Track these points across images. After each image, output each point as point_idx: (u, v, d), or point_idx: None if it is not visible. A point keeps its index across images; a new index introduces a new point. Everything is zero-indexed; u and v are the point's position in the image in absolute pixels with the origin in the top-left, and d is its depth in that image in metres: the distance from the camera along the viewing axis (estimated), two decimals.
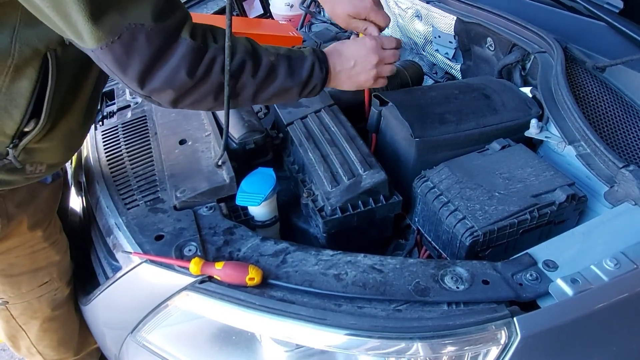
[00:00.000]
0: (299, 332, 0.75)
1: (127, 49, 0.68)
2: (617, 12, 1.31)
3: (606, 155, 0.92)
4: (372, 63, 0.95)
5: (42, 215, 0.98)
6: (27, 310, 1.03)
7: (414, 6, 1.66)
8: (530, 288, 0.76)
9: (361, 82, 0.96)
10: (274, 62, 0.83)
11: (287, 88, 0.86)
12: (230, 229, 0.89)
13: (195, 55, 0.74)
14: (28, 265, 0.98)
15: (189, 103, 0.79)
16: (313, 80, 0.88)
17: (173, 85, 0.74)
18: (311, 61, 0.88)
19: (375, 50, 0.95)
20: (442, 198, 0.95)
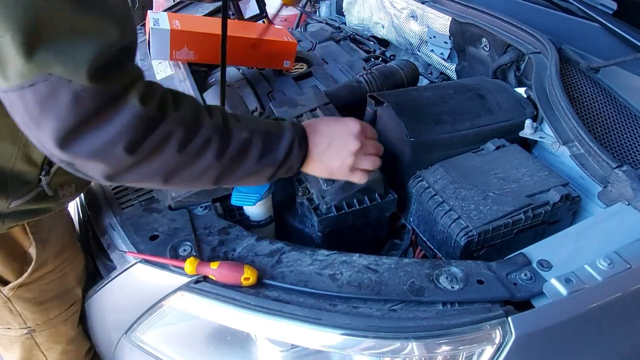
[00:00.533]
0: (294, 332, 0.75)
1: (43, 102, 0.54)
2: (611, 13, 1.31)
3: (600, 156, 0.93)
4: (350, 149, 0.81)
5: (69, 235, 0.96)
6: (52, 336, 0.98)
7: (409, 6, 1.66)
8: (525, 288, 0.76)
9: (333, 168, 0.82)
10: (246, 140, 0.71)
11: (258, 171, 0.74)
12: (226, 229, 0.89)
13: (143, 125, 0.59)
14: (59, 290, 0.93)
15: (129, 181, 0.66)
16: (290, 161, 0.76)
17: (105, 158, 0.59)
18: (290, 138, 0.76)
19: (357, 135, 0.82)
20: (437, 198, 0.96)
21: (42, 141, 0.57)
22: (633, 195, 0.87)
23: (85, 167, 0.61)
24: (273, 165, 0.75)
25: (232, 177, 0.72)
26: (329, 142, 0.80)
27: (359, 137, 0.82)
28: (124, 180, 0.65)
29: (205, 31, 1.35)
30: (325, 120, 0.84)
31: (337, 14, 2.22)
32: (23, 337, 0.95)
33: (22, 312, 0.90)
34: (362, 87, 1.37)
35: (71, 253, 0.95)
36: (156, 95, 0.62)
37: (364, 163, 0.84)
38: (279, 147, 0.75)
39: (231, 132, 0.69)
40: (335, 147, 0.81)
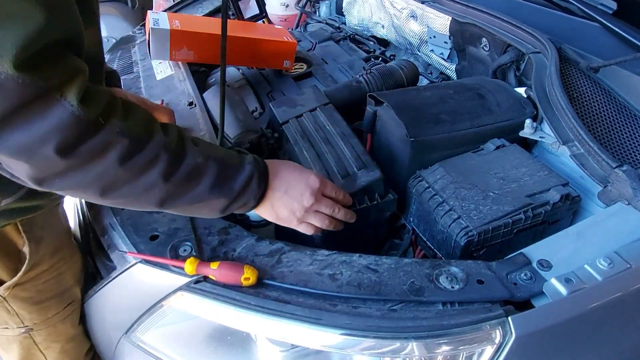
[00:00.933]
0: (294, 332, 0.75)
1: None
2: (611, 13, 1.32)
3: (600, 155, 0.93)
4: (303, 204, 0.81)
5: (64, 234, 0.95)
6: (50, 335, 0.98)
7: (409, 6, 1.66)
8: (525, 288, 0.76)
9: (282, 216, 0.82)
10: (200, 164, 0.67)
11: (209, 200, 0.71)
12: (226, 229, 0.89)
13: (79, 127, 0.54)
14: (56, 289, 0.93)
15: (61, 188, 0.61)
16: (245, 197, 0.75)
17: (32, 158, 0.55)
18: (249, 173, 0.74)
19: (314, 191, 0.82)
20: (437, 198, 0.96)
21: None
22: (633, 195, 0.87)
23: (11, 165, 0.57)
24: (227, 198, 0.72)
25: (180, 202, 0.68)
26: (285, 191, 0.80)
27: (315, 194, 0.82)
28: (55, 187, 0.60)
29: (205, 31, 1.35)
30: (288, 167, 0.83)
31: (337, 14, 2.22)
32: (21, 337, 0.95)
33: (19, 311, 0.90)
34: (361, 87, 1.37)
35: (67, 251, 0.95)
36: (101, 99, 0.58)
37: (313, 219, 0.84)
38: (236, 179, 0.73)
39: (185, 154, 0.66)
40: (289, 197, 0.80)
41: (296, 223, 0.84)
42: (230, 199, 0.73)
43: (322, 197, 0.84)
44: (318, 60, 1.65)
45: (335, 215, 0.87)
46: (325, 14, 2.27)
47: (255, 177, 0.75)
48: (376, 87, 1.37)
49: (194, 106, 1.22)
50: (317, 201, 0.83)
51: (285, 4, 2.67)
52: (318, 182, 0.83)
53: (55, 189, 0.61)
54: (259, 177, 0.76)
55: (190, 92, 1.28)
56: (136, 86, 1.42)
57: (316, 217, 0.85)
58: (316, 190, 0.82)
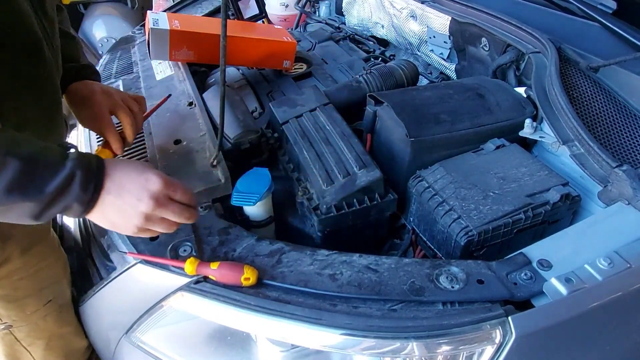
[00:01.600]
0: (294, 332, 0.75)
1: None
2: (611, 12, 1.32)
3: (600, 155, 0.93)
4: (140, 209, 0.69)
5: (37, 232, 0.92)
6: (32, 331, 0.97)
7: (408, 6, 1.66)
8: (525, 287, 0.76)
9: (117, 223, 0.71)
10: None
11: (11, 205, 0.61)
12: (226, 229, 0.89)
13: None
14: (32, 286, 0.92)
15: None
16: (66, 200, 0.64)
17: None
18: (68, 173, 0.63)
19: (155, 194, 0.70)
20: (437, 198, 0.96)
21: None
22: (633, 194, 0.87)
23: None
24: (36, 201, 0.62)
25: None
26: (118, 194, 0.68)
27: (156, 197, 0.70)
28: None
29: (205, 31, 1.35)
30: (124, 166, 0.71)
31: (337, 14, 2.22)
32: (2, 333, 0.95)
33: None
34: (361, 87, 1.37)
35: (43, 249, 0.94)
36: None
37: (156, 226, 0.73)
38: (49, 179, 0.62)
39: None
40: (124, 202, 0.69)
41: (135, 231, 0.72)
42: (42, 203, 0.63)
43: (168, 202, 0.72)
44: (318, 60, 1.65)
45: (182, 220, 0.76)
46: (325, 14, 2.28)
47: (78, 178, 0.64)
48: (376, 87, 1.37)
49: (193, 106, 1.22)
50: (159, 206, 0.71)
51: (285, 4, 2.67)
52: (159, 184, 0.71)
53: None
54: (84, 178, 0.65)
55: (190, 92, 1.28)
56: (136, 86, 1.42)
57: (159, 224, 0.73)
58: (157, 193, 0.71)
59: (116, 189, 0.68)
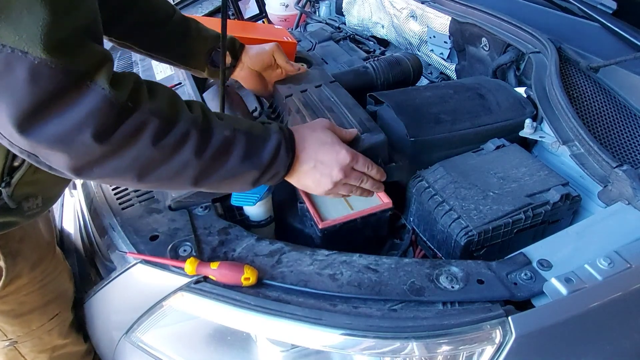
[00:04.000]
0: (294, 332, 0.75)
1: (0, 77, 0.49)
2: (611, 12, 1.32)
3: (600, 155, 0.93)
4: (332, 179, 0.81)
5: (45, 246, 0.93)
6: (36, 345, 0.97)
7: (408, 6, 1.66)
8: (525, 287, 0.76)
9: (310, 187, 0.82)
10: (229, 137, 0.67)
11: (241, 174, 0.70)
12: (226, 229, 0.89)
13: (113, 111, 0.54)
14: (39, 301, 0.92)
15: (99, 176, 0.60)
16: (276, 166, 0.74)
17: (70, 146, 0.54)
18: (276, 141, 0.73)
19: (345, 166, 0.81)
20: (437, 198, 0.96)
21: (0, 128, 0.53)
22: (633, 194, 0.87)
23: (49, 157, 0.56)
24: (257, 169, 0.71)
25: (213, 178, 0.68)
26: (314, 165, 0.79)
27: (345, 169, 0.81)
28: (93, 175, 0.60)
29: None
30: (317, 139, 0.81)
31: (337, 14, 2.22)
32: (6, 349, 0.94)
33: (0, 325, 0.89)
34: (368, 72, 1.36)
35: (50, 264, 0.93)
36: (128, 82, 0.57)
37: (342, 190, 0.84)
38: (264, 149, 0.71)
39: (212, 129, 0.66)
40: (318, 171, 0.80)
41: (322, 194, 0.84)
42: (261, 170, 0.72)
43: (352, 171, 0.83)
44: (318, 60, 1.64)
45: (363, 186, 0.87)
46: (325, 14, 2.27)
47: (282, 146, 0.73)
48: (383, 73, 1.37)
49: None
50: (346, 176, 0.82)
51: (285, 4, 2.67)
52: (349, 158, 0.81)
53: (94, 177, 0.60)
54: (286, 146, 0.74)
55: (190, 93, 1.28)
56: None
57: (344, 188, 0.84)
58: (346, 165, 0.81)
59: (312, 161, 0.79)
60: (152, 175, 0.62)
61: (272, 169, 0.73)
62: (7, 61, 0.48)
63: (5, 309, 0.88)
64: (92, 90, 0.53)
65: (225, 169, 0.68)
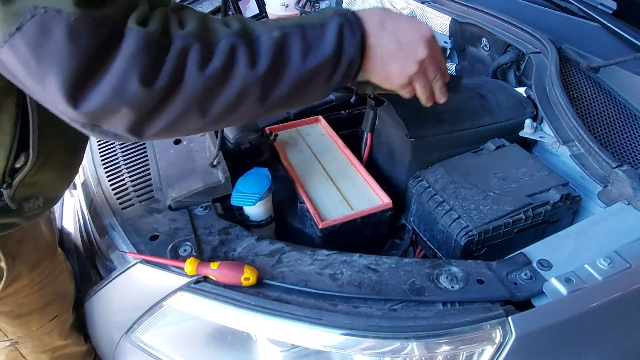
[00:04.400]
0: (294, 332, 0.75)
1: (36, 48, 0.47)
2: (611, 13, 1.32)
3: (600, 155, 0.93)
4: (418, 56, 0.68)
5: (45, 247, 0.92)
6: (37, 346, 0.96)
7: (408, 6, 1.66)
8: (525, 287, 0.76)
9: (393, 73, 0.69)
10: (278, 38, 0.59)
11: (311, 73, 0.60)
12: (226, 229, 0.89)
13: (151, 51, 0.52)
14: (38, 302, 0.91)
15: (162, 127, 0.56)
16: (346, 53, 0.62)
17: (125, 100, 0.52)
18: (337, 24, 0.62)
19: (429, 41, 0.69)
20: (437, 198, 0.96)
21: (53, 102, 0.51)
22: (633, 194, 0.87)
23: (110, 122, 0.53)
24: (326, 63, 0.61)
25: (280, 89, 0.60)
26: (397, 43, 0.67)
27: (430, 44, 0.69)
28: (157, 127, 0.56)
29: None
30: (392, 16, 0.68)
31: None
32: (7, 350, 0.94)
33: (1, 325, 0.89)
34: None
35: (49, 265, 0.92)
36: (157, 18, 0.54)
37: (418, 83, 0.72)
38: (324, 37, 0.61)
39: (258, 36, 0.58)
40: (403, 50, 0.67)
41: (404, 82, 0.71)
42: (331, 62, 0.62)
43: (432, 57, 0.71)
44: None
45: (434, 85, 0.75)
46: None
47: (346, 27, 0.62)
48: None
49: None
50: (431, 54, 0.69)
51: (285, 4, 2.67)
52: (430, 31, 0.70)
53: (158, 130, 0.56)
54: (350, 27, 0.63)
55: None
56: None
57: (421, 80, 0.72)
58: (430, 40, 0.70)
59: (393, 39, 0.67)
60: (214, 106, 0.57)
61: (343, 57, 0.62)
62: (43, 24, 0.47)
63: (5, 310, 0.87)
64: (126, 35, 0.51)
65: (288, 75, 0.60)
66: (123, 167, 1.08)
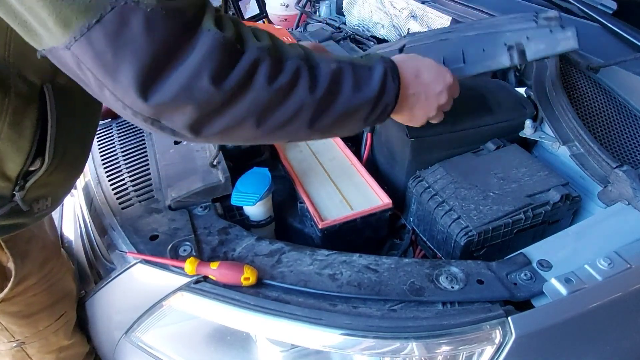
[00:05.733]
0: (294, 332, 0.75)
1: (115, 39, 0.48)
2: (611, 13, 1.31)
3: (600, 156, 0.93)
4: (440, 103, 0.79)
5: (51, 245, 0.93)
6: (43, 346, 0.96)
7: (409, 6, 1.66)
8: (525, 288, 0.76)
9: (416, 117, 0.79)
10: (336, 70, 0.63)
11: (355, 108, 0.66)
12: (226, 229, 0.89)
13: (225, 52, 0.53)
14: (46, 301, 0.91)
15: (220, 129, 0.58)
16: (385, 97, 0.69)
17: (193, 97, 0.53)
18: (383, 69, 0.68)
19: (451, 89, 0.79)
20: (437, 198, 0.96)
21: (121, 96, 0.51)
22: (633, 195, 0.87)
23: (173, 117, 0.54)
24: (368, 102, 0.67)
25: (328, 117, 0.63)
26: (425, 95, 0.76)
27: (451, 91, 0.79)
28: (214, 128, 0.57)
29: None
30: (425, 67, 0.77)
31: (337, 14, 2.21)
32: (13, 350, 0.94)
33: (8, 326, 0.89)
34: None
35: (56, 263, 0.93)
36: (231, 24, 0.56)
37: (436, 118, 0.82)
38: (371, 77, 0.67)
39: (319, 63, 0.62)
40: (429, 99, 0.77)
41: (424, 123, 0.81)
42: (372, 102, 0.67)
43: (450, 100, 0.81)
44: None
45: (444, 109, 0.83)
46: (326, 14, 2.27)
47: (389, 73, 0.69)
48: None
49: None
50: (448, 101, 0.80)
51: (286, 4, 2.67)
52: (452, 79, 0.79)
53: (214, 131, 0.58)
54: (392, 74, 0.69)
55: None
56: None
57: (436, 118, 0.82)
58: (450, 87, 0.79)
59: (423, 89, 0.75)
60: (270, 119, 0.60)
61: (382, 100, 0.69)
62: (122, 15, 0.47)
63: (14, 310, 0.87)
64: (202, 32, 0.52)
65: (338, 105, 0.64)
66: (123, 167, 1.08)
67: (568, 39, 0.76)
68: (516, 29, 0.85)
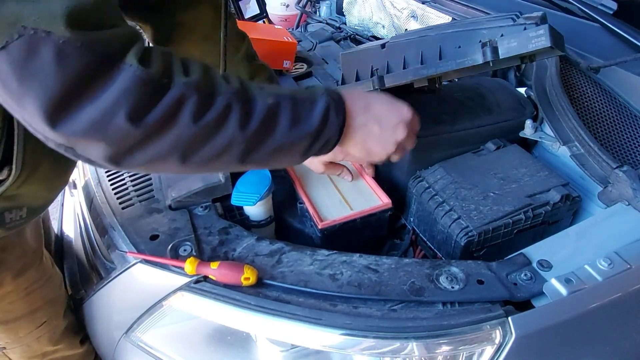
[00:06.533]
0: (294, 332, 0.75)
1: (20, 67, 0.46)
2: (611, 13, 1.31)
3: (600, 156, 0.93)
4: (397, 138, 0.75)
5: (31, 254, 0.90)
6: (26, 352, 0.96)
7: (409, 6, 1.66)
8: (525, 288, 0.76)
9: (373, 152, 0.76)
10: (272, 106, 0.61)
11: (290, 144, 0.64)
12: (226, 229, 0.89)
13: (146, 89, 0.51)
14: (25, 309, 0.90)
15: (142, 162, 0.56)
16: (327, 131, 0.66)
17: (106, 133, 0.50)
18: (324, 104, 0.65)
19: (409, 123, 0.76)
20: (437, 198, 0.96)
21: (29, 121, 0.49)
22: (633, 195, 0.87)
23: (87, 149, 0.52)
24: (307, 137, 0.65)
25: (261, 152, 0.62)
26: (379, 127, 0.73)
27: (409, 125, 0.76)
28: (135, 162, 0.55)
29: None
30: (377, 100, 0.75)
31: (337, 14, 2.21)
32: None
33: None
34: None
35: (36, 272, 0.92)
36: (159, 58, 0.53)
37: (397, 154, 0.79)
38: (312, 113, 0.64)
39: (254, 98, 0.60)
40: (384, 133, 0.74)
41: (383, 159, 0.78)
42: (311, 138, 0.65)
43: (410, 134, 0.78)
44: (318, 60, 1.65)
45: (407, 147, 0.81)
46: (326, 14, 2.27)
47: (332, 109, 0.66)
48: None
49: None
50: (407, 136, 0.76)
51: (286, 4, 2.67)
52: (409, 114, 0.76)
53: (135, 165, 0.56)
54: (336, 108, 0.67)
55: None
56: None
57: (397, 155, 0.79)
58: (409, 122, 0.76)
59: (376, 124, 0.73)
60: (196, 155, 0.58)
61: (323, 135, 0.66)
62: (30, 44, 0.45)
63: None
64: (122, 68, 0.50)
65: (272, 140, 0.62)
66: None
67: (540, 36, 0.76)
68: (493, 27, 0.85)
